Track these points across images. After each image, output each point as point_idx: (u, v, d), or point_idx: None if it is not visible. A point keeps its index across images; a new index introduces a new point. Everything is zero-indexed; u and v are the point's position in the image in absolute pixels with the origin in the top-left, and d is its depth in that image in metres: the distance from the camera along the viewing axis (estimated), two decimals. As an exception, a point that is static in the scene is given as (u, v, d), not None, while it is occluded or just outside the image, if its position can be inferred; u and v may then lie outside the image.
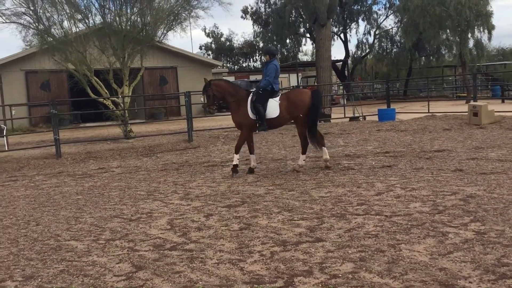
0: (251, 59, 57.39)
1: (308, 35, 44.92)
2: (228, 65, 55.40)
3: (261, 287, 4.24)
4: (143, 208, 7.53)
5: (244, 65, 57.66)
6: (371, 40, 45.15)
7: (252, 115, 9.63)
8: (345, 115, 20.84)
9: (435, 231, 5.40)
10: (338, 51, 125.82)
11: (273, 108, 9.60)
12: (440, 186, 7.58)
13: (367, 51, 46.06)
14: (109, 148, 15.40)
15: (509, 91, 32.89)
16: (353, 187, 7.96)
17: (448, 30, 33.96)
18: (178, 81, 31.56)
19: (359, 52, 46.55)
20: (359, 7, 44.17)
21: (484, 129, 14.29)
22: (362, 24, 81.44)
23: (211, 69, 33.49)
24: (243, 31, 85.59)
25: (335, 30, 43.68)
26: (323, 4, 20.29)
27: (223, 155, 13.10)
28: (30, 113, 26.94)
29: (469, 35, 32.83)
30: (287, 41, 46.16)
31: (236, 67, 56.12)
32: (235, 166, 9.74)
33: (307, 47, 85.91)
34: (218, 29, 57.20)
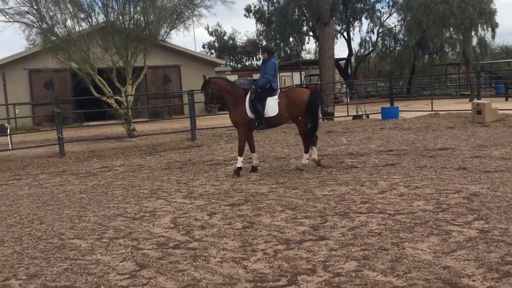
0: (254, 57, 57.35)
1: (311, 33, 44.88)
2: (231, 63, 55.41)
3: (264, 285, 4.24)
4: (146, 207, 7.54)
5: (247, 63, 57.66)
6: (374, 38, 45.16)
7: (251, 114, 9.59)
8: (348, 114, 20.81)
9: (438, 229, 5.40)
10: (341, 50, 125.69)
11: (272, 107, 9.57)
12: (443, 184, 7.57)
13: (370, 49, 46.02)
14: (113, 146, 15.43)
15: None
16: (356, 185, 7.95)
17: (451, 28, 33.88)
18: (181, 79, 31.61)
19: (362, 50, 46.57)
20: (362, 5, 44.12)
21: (488, 127, 14.25)
22: (365, 22, 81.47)
23: (214, 68, 33.50)
24: (246, 29, 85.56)
25: (338, 28, 43.65)
26: (326, 2, 20.23)
27: (226, 153, 13.11)
28: (33, 112, 27.03)
29: (473, 33, 32.75)
30: (290, 39, 46.13)
31: (239, 65, 56.13)
32: (239, 169, 9.71)
33: (310, 46, 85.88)
34: (221, 27, 57.31)
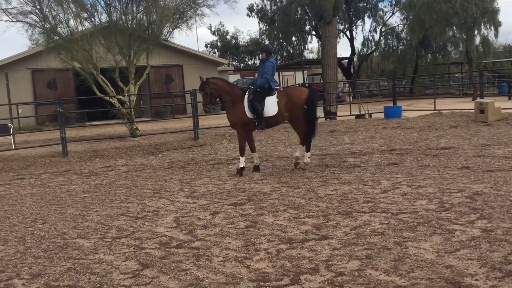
0: (257, 57, 57.23)
1: (313, 32, 44.81)
2: (233, 63, 55.37)
3: (267, 284, 4.24)
4: (149, 206, 7.55)
5: (250, 63, 57.58)
6: (377, 37, 45.05)
7: (250, 114, 9.58)
8: (351, 113, 20.79)
9: (441, 228, 5.39)
10: (344, 49, 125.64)
11: (271, 106, 9.57)
12: (446, 183, 7.56)
13: (373, 48, 45.92)
14: (115, 146, 15.44)
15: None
16: (359, 184, 7.95)
17: (454, 27, 33.82)
18: (184, 79, 31.61)
19: (365, 50, 46.42)
20: (365, 4, 44.04)
21: (491, 126, 14.22)
22: (368, 22, 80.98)
23: (216, 67, 33.51)
24: (248, 29, 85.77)
25: (341, 27, 43.58)
26: (329, 1, 20.19)
27: (229, 153, 13.11)
28: (36, 111, 27.08)
29: (476, 32, 32.68)
30: (293, 38, 46.07)
31: (241, 65, 56.07)
32: (242, 169, 9.72)
33: (312, 45, 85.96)
34: (223, 27, 57.15)
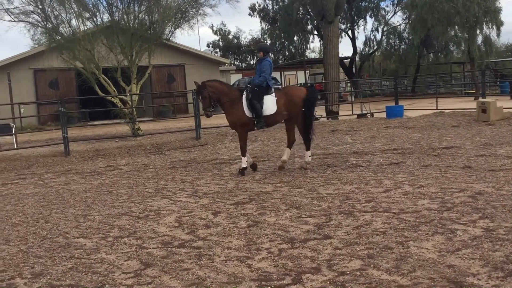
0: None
1: (315, 32, 44.82)
2: (235, 62, 55.38)
3: (269, 284, 4.24)
4: (151, 206, 7.56)
5: (252, 62, 57.50)
6: (379, 37, 44.99)
7: (249, 113, 9.56)
8: (353, 112, 20.79)
9: (443, 228, 5.39)
10: (345, 48, 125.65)
11: (270, 105, 9.57)
12: (448, 183, 7.55)
13: (375, 48, 45.88)
14: (117, 146, 15.45)
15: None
16: (361, 184, 7.95)
17: (456, 27, 33.76)
18: (185, 78, 31.59)
19: (367, 49, 46.41)
20: (366, 3, 44.01)
21: (493, 125, 14.20)
22: (370, 21, 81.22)
23: (218, 67, 33.49)
24: (250, 28, 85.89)
25: (342, 27, 43.54)
26: (330, 1, 20.19)
27: (230, 152, 13.11)
28: (38, 111, 27.10)
29: (478, 31, 32.63)
30: (295, 38, 46.04)
31: (243, 64, 56.06)
32: (244, 169, 9.72)
33: (314, 44, 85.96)
34: (225, 26, 57.35)
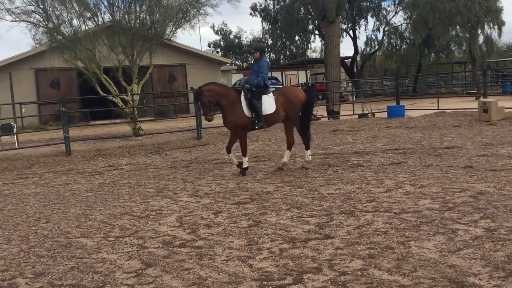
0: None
1: (317, 32, 44.82)
2: (236, 62, 55.40)
3: (270, 284, 4.24)
4: (152, 206, 7.56)
5: (253, 62, 57.54)
6: (380, 36, 44.99)
7: (249, 113, 9.52)
8: (354, 112, 20.78)
9: (444, 228, 5.38)
10: (347, 48, 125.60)
11: (268, 105, 9.56)
12: (449, 183, 7.54)
13: (376, 47, 45.86)
14: (119, 145, 15.46)
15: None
16: (362, 184, 7.94)
17: (457, 26, 33.71)
18: (187, 78, 31.62)
19: (368, 49, 46.42)
20: (368, 3, 43.99)
21: (494, 125, 14.18)
22: (371, 21, 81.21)
23: (219, 67, 33.51)
24: (251, 28, 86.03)
25: (344, 27, 43.56)
26: (332, 0, 20.17)
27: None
28: (40, 111, 27.14)
29: (479, 31, 32.56)
30: (296, 38, 46.08)
31: (244, 64, 56.07)
32: (245, 169, 9.71)
33: (316, 44, 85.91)
34: (226, 26, 57.20)
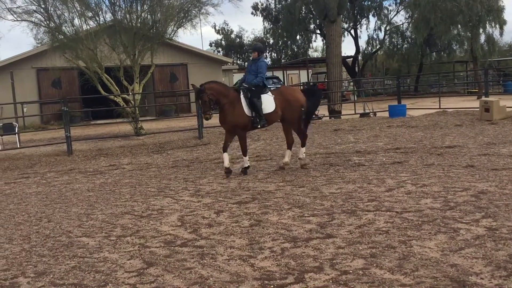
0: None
1: (318, 31, 44.72)
2: (238, 61, 55.37)
3: (271, 283, 4.24)
4: (154, 205, 7.56)
5: (250, 61, 57.47)
6: (381, 36, 44.90)
7: (249, 112, 9.51)
8: (355, 111, 20.76)
9: (446, 227, 5.38)
10: (348, 47, 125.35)
11: (268, 104, 9.57)
12: (451, 182, 7.53)
13: (377, 47, 45.78)
14: (120, 145, 15.47)
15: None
16: (363, 183, 7.94)
17: (459, 26, 33.64)
18: (188, 78, 31.62)
19: (369, 48, 46.30)
20: (369, 2, 43.90)
21: (496, 124, 14.17)
22: (373, 20, 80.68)
23: (221, 66, 33.51)
24: (253, 27, 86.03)
25: (345, 26, 43.48)
26: (333, 0, 20.19)
27: (233, 151, 13.08)
28: (41, 110, 27.17)
29: (481, 30, 32.51)
30: (297, 37, 45.98)
31: (246, 63, 56.05)
32: (246, 168, 9.72)
33: (317, 43, 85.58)
34: (228, 25, 57.19)
